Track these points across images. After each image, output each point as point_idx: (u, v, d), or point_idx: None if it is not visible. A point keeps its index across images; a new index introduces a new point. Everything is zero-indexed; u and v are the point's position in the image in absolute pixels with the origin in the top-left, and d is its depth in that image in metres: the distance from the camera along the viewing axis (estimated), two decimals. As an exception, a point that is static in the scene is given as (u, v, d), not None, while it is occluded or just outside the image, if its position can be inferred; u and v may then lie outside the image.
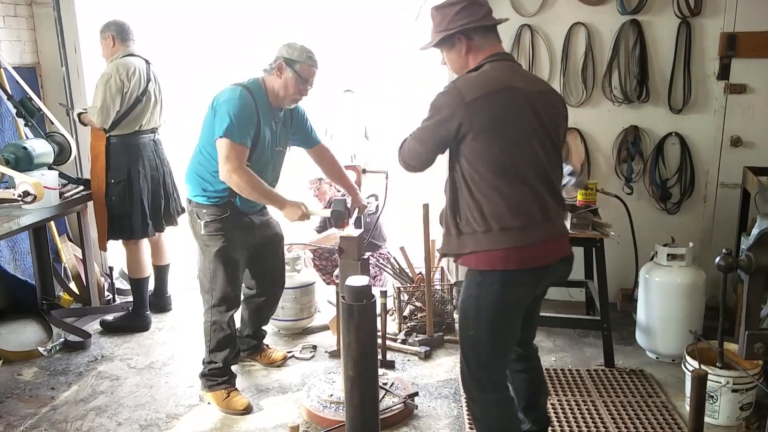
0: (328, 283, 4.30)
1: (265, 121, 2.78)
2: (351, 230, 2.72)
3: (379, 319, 2.99)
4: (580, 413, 2.85)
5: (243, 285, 3.13)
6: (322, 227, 4.47)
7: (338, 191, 4.26)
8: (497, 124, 1.95)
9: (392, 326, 3.74)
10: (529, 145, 1.99)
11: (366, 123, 5.25)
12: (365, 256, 2.73)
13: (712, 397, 2.72)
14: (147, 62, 3.66)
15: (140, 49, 3.67)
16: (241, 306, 3.13)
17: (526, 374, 2.32)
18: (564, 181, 3.09)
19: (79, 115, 3.72)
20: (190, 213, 2.90)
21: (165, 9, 5.22)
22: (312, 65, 2.76)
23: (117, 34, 3.58)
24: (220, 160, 2.66)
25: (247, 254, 2.99)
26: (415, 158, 2.10)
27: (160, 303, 4.09)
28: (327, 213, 2.72)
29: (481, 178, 1.97)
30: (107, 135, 3.58)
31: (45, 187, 3.29)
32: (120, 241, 3.83)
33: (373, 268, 4.04)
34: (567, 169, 3.23)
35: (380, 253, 4.22)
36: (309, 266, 4.33)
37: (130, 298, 3.96)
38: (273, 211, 3.17)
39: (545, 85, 2.16)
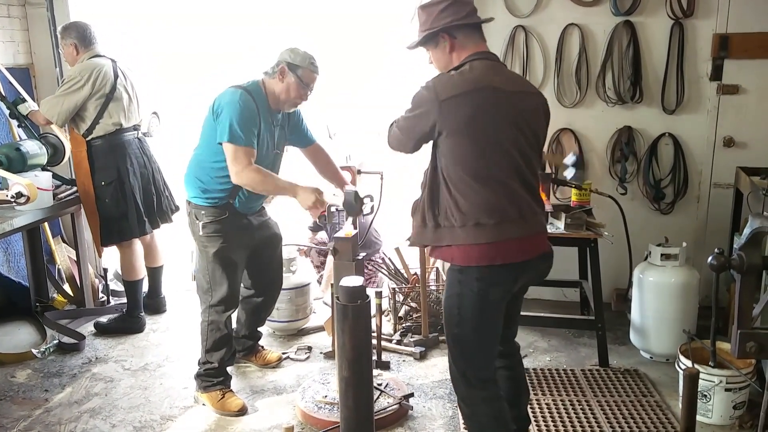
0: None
1: (266, 124, 2.79)
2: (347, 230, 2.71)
3: (374, 320, 3.00)
4: (575, 413, 2.86)
5: (241, 285, 3.13)
6: (316, 227, 4.45)
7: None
8: (471, 124, 1.99)
9: (387, 327, 3.74)
10: (505, 146, 2.02)
11: (327, 123, 5.23)
12: (360, 257, 2.73)
13: (706, 396, 2.73)
14: (113, 61, 3.63)
15: (104, 49, 3.64)
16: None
17: (507, 372, 2.33)
18: (566, 173, 3.11)
19: (29, 113, 3.66)
20: (189, 214, 2.90)
21: (158, 12, 5.22)
22: (314, 71, 2.79)
23: (79, 41, 3.55)
24: (228, 163, 2.69)
25: (245, 255, 2.99)
26: (399, 144, 2.18)
27: (155, 304, 4.08)
28: (340, 200, 2.70)
29: (458, 177, 2.02)
30: (88, 139, 3.56)
31: (38, 188, 3.28)
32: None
33: (367, 269, 4.04)
34: (570, 159, 3.22)
35: (371, 260, 4.19)
36: (310, 258, 4.33)
37: (125, 300, 3.94)
38: (271, 212, 3.18)
39: (528, 86, 2.18)
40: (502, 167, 2.01)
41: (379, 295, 3.29)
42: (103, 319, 3.88)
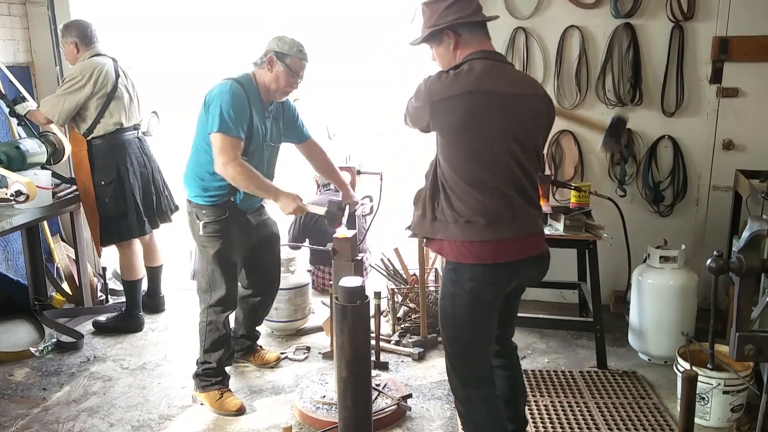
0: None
1: (258, 115, 2.78)
2: (344, 231, 2.72)
3: (372, 321, 2.99)
4: (573, 414, 2.86)
5: (239, 285, 3.13)
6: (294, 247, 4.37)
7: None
8: (461, 130, 1.98)
9: (386, 327, 3.74)
10: (497, 152, 2.00)
11: (327, 123, 5.22)
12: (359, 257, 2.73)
13: (704, 398, 2.73)
14: (114, 60, 3.63)
15: (105, 48, 3.64)
16: (235, 306, 3.13)
17: (505, 371, 2.34)
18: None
19: (28, 113, 3.65)
20: (189, 213, 2.90)
21: (158, 15, 5.22)
22: (302, 58, 2.78)
23: (80, 40, 3.55)
24: (214, 153, 2.66)
25: (244, 255, 2.99)
26: (411, 124, 2.19)
27: (153, 304, 4.07)
28: (322, 210, 2.72)
29: (451, 177, 2.03)
30: (88, 138, 3.56)
31: (38, 186, 3.28)
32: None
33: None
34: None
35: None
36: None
37: (123, 299, 3.94)
38: (269, 209, 3.18)
39: (533, 88, 2.12)
40: (494, 173, 2.00)
41: (377, 295, 3.29)
42: (102, 318, 3.88)
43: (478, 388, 2.18)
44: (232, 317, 3.10)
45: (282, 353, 3.48)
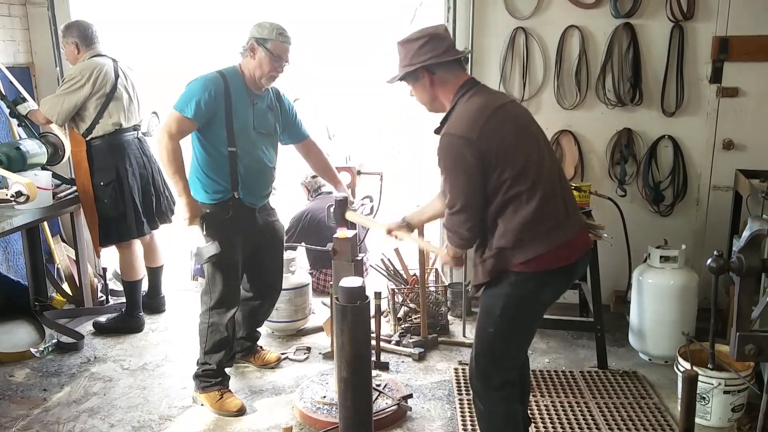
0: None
1: (241, 103, 2.78)
2: (344, 231, 2.72)
3: (373, 321, 3.00)
4: (573, 414, 2.86)
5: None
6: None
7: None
8: (507, 145, 1.99)
9: (386, 328, 3.74)
10: (534, 154, 2.04)
11: (327, 123, 5.23)
12: (359, 257, 2.73)
13: (704, 398, 2.73)
14: (114, 60, 3.63)
15: (106, 49, 3.64)
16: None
17: (517, 369, 2.33)
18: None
19: (29, 113, 3.66)
20: None
21: (156, 16, 5.23)
22: (284, 41, 2.76)
23: (80, 40, 3.55)
24: (161, 124, 2.72)
25: (247, 257, 2.99)
26: (468, 219, 2.03)
27: (154, 304, 4.07)
28: (203, 242, 2.71)
29: (499, 206, 2.01)
30: (88, 139, 3.56)
31: (38, 187, 3.28)
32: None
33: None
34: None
35: None
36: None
37: (124, 299, 3.94)
38: (279, 211, 3.18)
39: (507, 95, 2.25)
40: (541, 175, 2.02)
41: (378, 296, 3.29)
42: (102, 318, 3.87)
43: (500, 389, 2.17)
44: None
45: (282, 354, 3.48)
